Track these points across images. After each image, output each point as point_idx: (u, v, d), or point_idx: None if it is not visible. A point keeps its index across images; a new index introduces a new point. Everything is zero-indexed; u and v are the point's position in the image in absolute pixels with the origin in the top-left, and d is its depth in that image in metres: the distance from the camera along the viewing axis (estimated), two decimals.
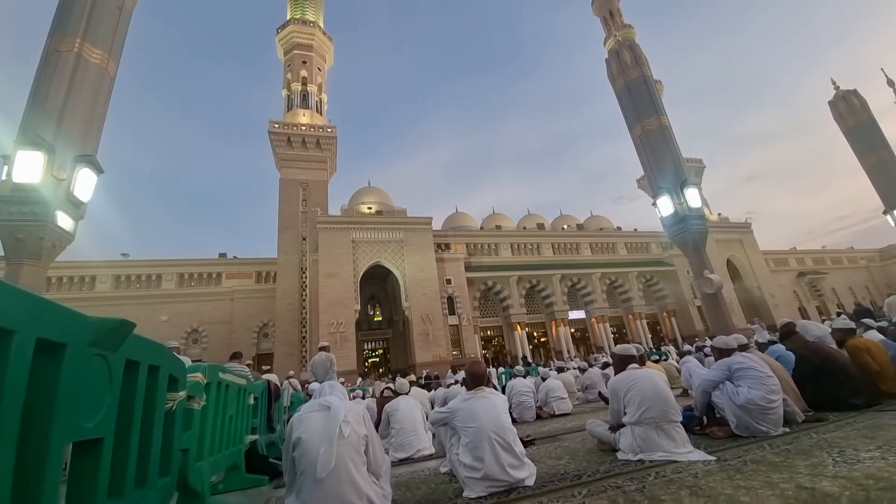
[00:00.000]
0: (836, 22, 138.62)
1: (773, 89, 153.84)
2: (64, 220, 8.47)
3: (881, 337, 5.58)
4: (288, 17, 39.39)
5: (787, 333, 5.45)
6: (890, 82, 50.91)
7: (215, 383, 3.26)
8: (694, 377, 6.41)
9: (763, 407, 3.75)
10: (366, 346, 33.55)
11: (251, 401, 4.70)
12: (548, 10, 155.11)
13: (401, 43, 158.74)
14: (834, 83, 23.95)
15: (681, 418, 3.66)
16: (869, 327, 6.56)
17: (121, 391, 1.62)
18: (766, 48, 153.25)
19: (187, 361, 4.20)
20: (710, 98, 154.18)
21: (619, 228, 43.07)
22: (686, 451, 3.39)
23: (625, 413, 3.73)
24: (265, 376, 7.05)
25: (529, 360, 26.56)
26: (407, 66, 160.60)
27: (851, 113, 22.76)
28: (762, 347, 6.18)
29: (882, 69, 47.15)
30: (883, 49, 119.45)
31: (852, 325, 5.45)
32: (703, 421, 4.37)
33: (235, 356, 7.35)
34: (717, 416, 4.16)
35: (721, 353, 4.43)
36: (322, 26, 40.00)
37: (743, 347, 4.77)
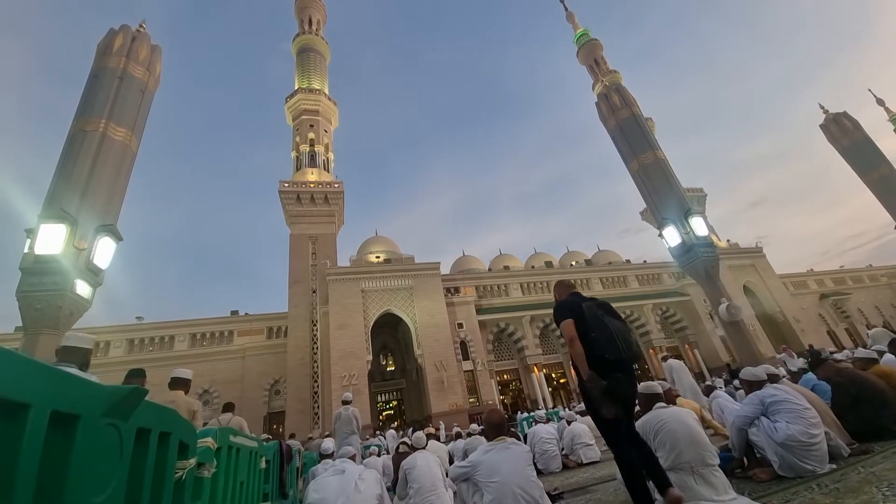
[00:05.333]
0: (817, 48, 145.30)
1: (762, 117, 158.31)
2: (83, 288, 8.69)
3: None
4: (296, 87, 42.42)
5: (817, 362, 5.18)
6: (879, 101, 52.31)
7: (226, 448, 3.15)
8: (726, 414, 6.05)
9: (805, 443, 3.49)
10: (379, 398, 32.47)
11: (263, 464, 4.51)
12: (539, 62, 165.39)
13: (400, 99, 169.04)
14: (822, 107, 24.56)
15: (718, 461, 3.41)
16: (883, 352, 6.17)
17: (131, 461, 1.57)
18: (748, 80, 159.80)
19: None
20: (702, 130, 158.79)
21: (628, 261, 42.73)
22: (729, 498, 3.12)
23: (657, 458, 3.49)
24: (324, 442, 6.16)
25: (545, 406, 25.31)
26: (407, 119, 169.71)
27: (845, 134, 23.14)
28: (795, 377, 5.87)
29: (869, 89, 48.70)
30: (868, 70, 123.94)
31: (874, 354, 5.17)
32: (743, 463, 4.06)
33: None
34: (758, 455, 3.87)
35: (751, 385, 4.20)
36: (327, 93, 42.88)
37: (774, 378, 4.52)
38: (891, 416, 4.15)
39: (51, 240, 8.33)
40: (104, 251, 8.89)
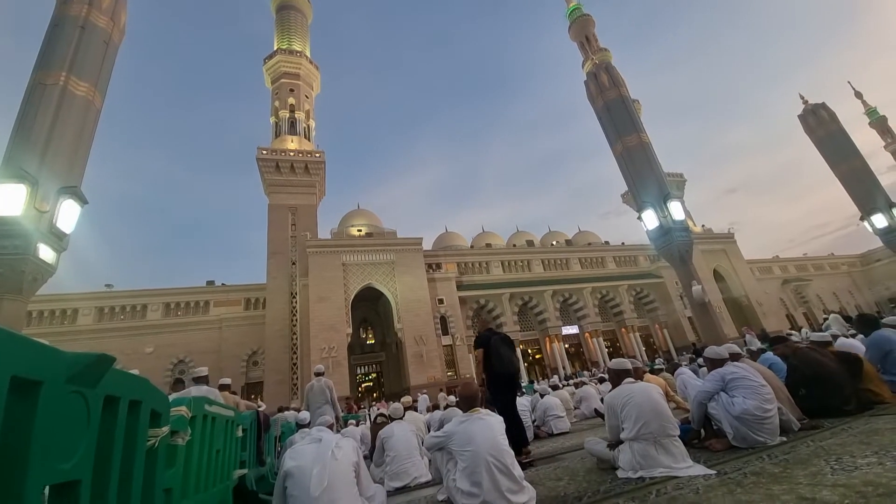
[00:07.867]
0: (802, 42, 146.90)
1: (745, 106, 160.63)
2: (46, 253, 8.30)
3: (860, 345, 5.66)
4: (275, 48, 40.22)
5: (776, 340, 5.49)
6: (857, 94, 53.78)
7: (201, 416, 3.14)
8: (689, 389, 6.40)
9: (759, 417, 3.73)
10: (359, 371, 32.88)
11: (240, 433, 4.53)
12: (529, 37, 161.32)
13: (388, 71, 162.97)
14: (802, 98, 25.04)
15: (678, 432, 3.63)
16: (837, 336, 6.60)
17: (99, 429, 1.55)
18: (735, 69, 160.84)
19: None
20: (686, 116, 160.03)
21: (607, 243, 43.66)
22: (686, 465, 3.35)
23: (622, 429, 3.68)
24: (301, 412, 7.60)
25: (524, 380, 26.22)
26: (394, 92, 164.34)
27: (821, 125, 23.71)
28: (754, 356, 6.22)
29: (849, 82, 50.05)
30: (849, 65, 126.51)
31: (828, 337, 5.51)
32: (700, 434, 4.33)
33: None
34: (715, 427, 4.13)
35: (713, 363, 4.44)
36: (309, 55, 40.88)
37: (735, 357, 4.79)
38: (842, 396, 4.46)
39: (10, 201, 7.85)
40: (68, 214, 8.46)
